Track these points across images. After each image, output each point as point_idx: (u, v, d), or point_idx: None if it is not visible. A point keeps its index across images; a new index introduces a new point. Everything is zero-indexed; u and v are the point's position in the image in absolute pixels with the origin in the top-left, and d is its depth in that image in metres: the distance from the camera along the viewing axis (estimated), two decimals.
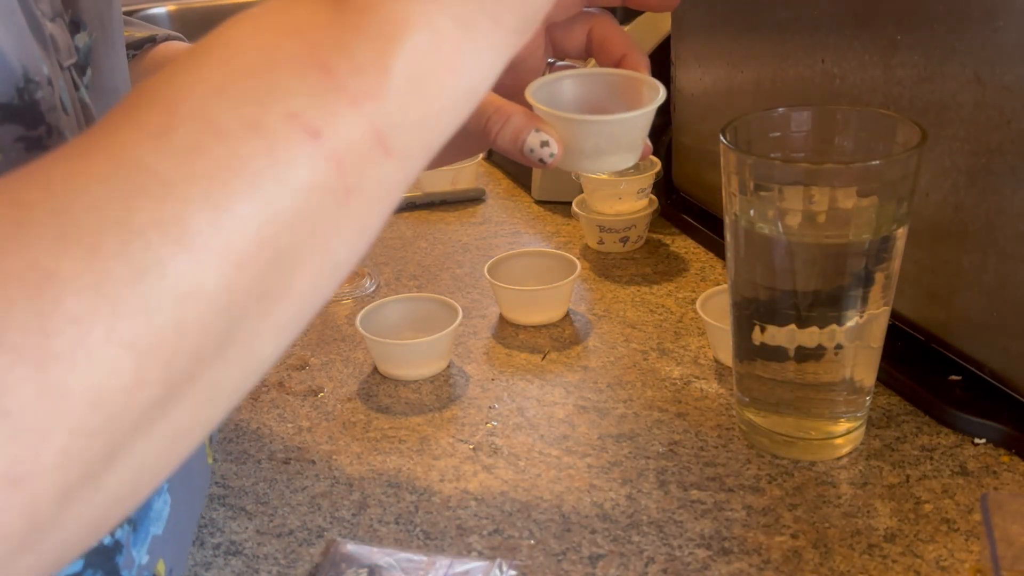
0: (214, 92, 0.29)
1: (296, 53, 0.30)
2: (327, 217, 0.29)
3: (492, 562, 0.54)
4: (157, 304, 0.26)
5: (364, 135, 0.30)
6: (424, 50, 0.31)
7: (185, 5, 2.00)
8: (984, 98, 0.57)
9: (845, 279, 0.56)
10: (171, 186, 0.27)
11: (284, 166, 0.28)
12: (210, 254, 0.27)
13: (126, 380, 0.26)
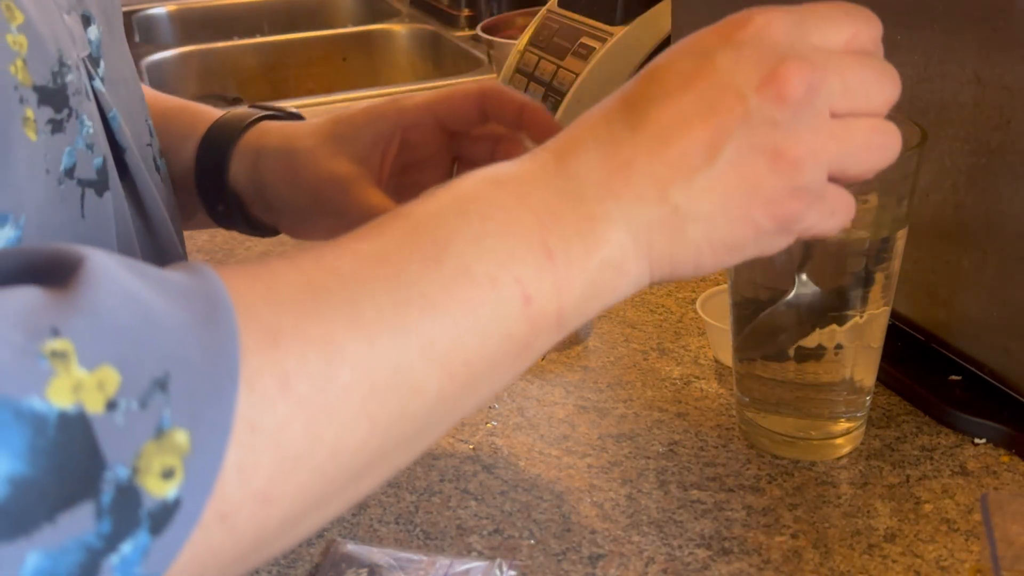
0: (473, 242, 0.36)
1: (530, 228, 0.37)
2: (509, 360, 0.37)
3: (492, 562, 0.54)
4: (397, 395, 0.34)
5: (554, 311, 0.37)
6: (610, 264, 0.39)
7: (185, 5, 2.00)
8: (984, 98, 0.57)
9: (845, 279, 0.56)
10: (431, 305, 0.35)
11: (503, 316, 0.36)
12: (439, 364, 0.35)
13: (358, 441, 0.33)
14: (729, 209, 0.39)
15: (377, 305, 0.34)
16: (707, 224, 0.39)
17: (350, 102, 1.41)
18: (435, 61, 1.77)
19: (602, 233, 0.38)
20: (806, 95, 0.38)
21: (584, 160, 0.39)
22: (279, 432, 0.30)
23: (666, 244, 0.39)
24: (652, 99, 0.40)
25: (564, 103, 0.99)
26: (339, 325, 0.33)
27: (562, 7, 1.09)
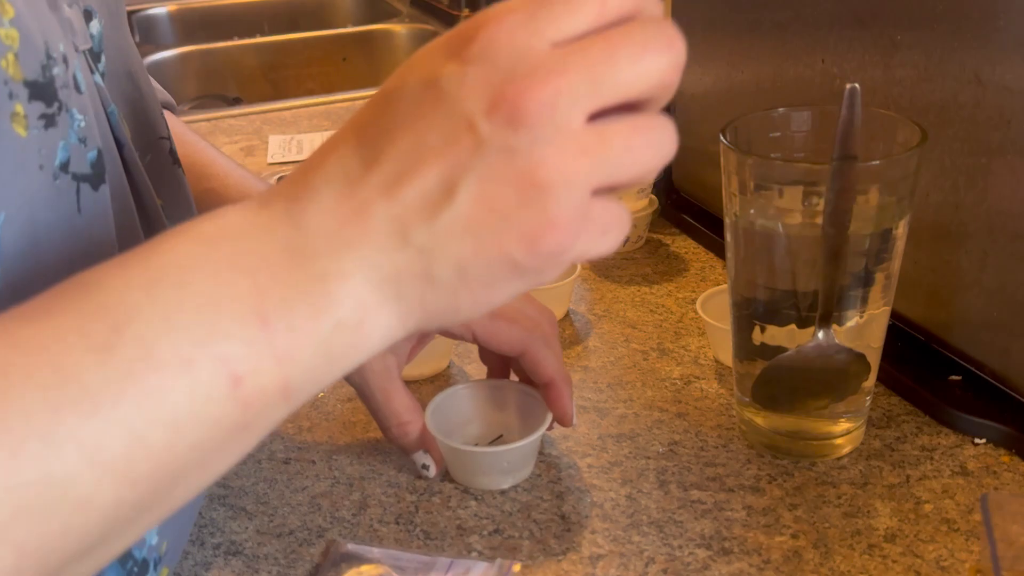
0: (161, 320, 0.32)
1: (242, 295, 0.33)
2: (221, 446, 0.33)
3: (492, 562, 0.54)
4: (53, 512, 0.29)
5: (276, 386, 0.33)
6: (346, 325, 0.34)
7: (185, 5, 2.00)
8: (984, 98, 0.57)
9: (845, 279, 0.56)
10: (99, 407, 0.30)
11: (202, 404, 0.32)
12: (113, 475, 0.30)
13: (5, 570, 0.29)
14: (481, 248, 0.35)
15: (26, 408, 0.29)
16: (458, 266, 0.35)
17: (350, 102, 1.41)
18: None
19: (335, 292, 0.34)
20: (541, 112, 0.33)
21: (316, 206, 0.35)
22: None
23: (416, 291, 0.35)
24: (384, 131, 0.35)
25: None
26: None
27: None
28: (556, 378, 0.59)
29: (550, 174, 0.34)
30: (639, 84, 0.34)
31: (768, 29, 0.75)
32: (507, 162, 0.34)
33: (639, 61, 0.34)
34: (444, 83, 0.34)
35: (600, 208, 0.36)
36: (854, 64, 0.66)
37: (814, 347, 0.57)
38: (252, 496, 0.62)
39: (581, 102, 0.34)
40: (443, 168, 0.34)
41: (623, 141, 0.35)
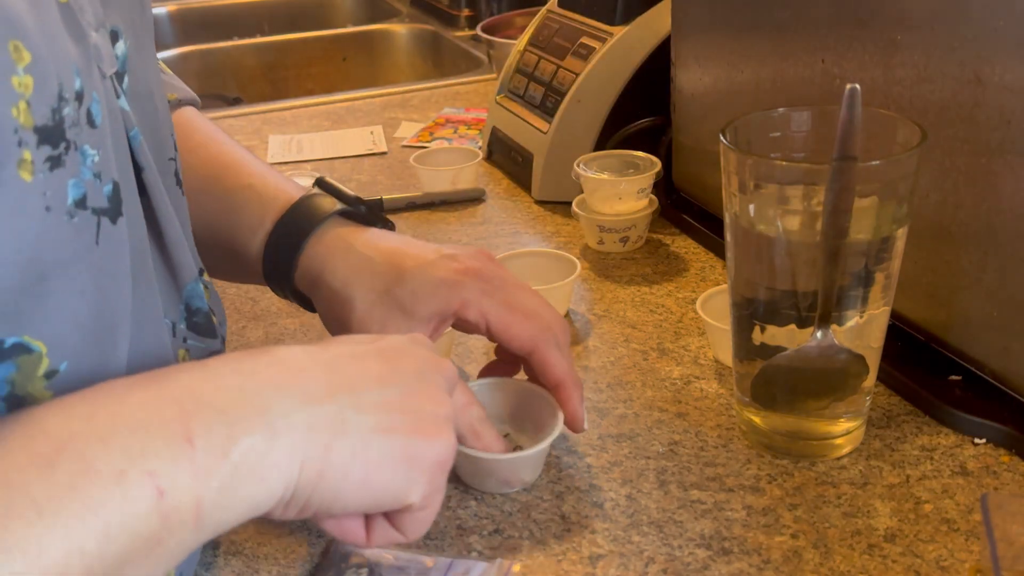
0: (98, 440, 0.35)
1: (170, 420, 0.37)
2: (138, 560, 0.35)
3: (492, 562, 0.54)
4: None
5: (191, 502, 0.36)
6: (255, 449, 0.39)
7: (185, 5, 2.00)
8: (984, 98, 0.57)
9: (845, 279, 0.56)
10: (42, 514, 0.33)
11: (131, 514, 0.35)
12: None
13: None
14: (393, 430, 0.44)
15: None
16: (368, 436, 0.43)
17: (350, 102, 1.41)
18: (435, 61, 1.77)
19: (255, 419, 0.39)
20: (461, 400, 0.54)
21: (267, 362, 0.42)
22: None
23: (322, 447, 0.41)
24: (339, 349, 0.46)
25: (564, 103, 0.99)
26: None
27: (562, 7, 1.09)
28: (566, 380, 0.59)
29: (441, 442, 0.47)
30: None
31: (768, 29, 0.75)
32: (430, 383, 0.48)
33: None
34: (407, 354, 0.49)
35: (439, 494, 0.47)
36: (854, 64, 0.66)
37: (814, 347, 0.57)
38: None
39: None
40: (383, 368, 0.46)
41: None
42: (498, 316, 0.59)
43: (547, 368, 0.59)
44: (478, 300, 0.59)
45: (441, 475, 0.46)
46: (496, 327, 0.59)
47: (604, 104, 0.98)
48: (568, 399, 0.59)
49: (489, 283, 0.60)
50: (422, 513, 0.46)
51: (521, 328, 0.59)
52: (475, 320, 0.59)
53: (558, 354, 0.59)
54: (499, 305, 0.59)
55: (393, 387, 0.45)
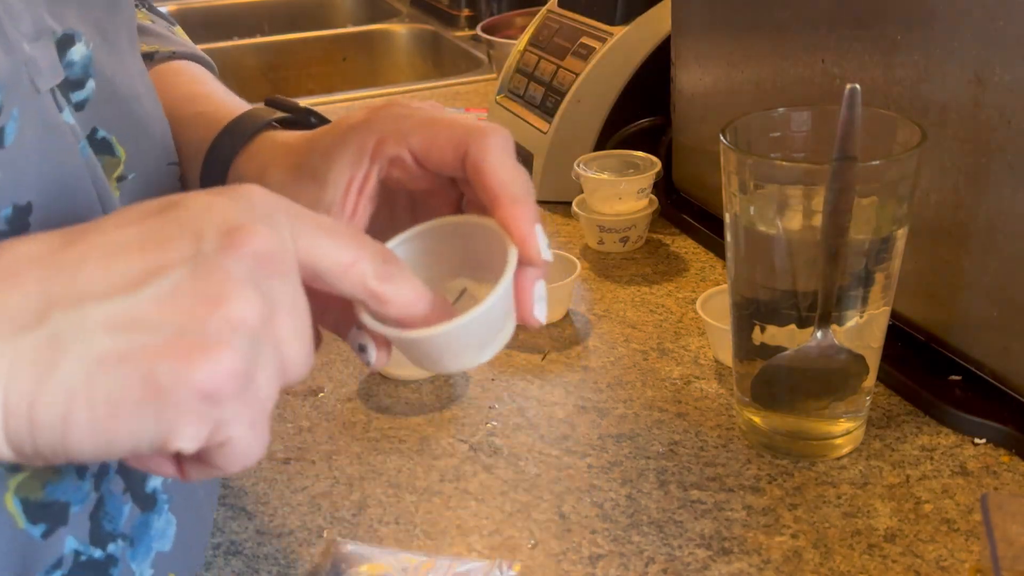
0: None
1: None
2: None
3: (492, 562, 0.54)
4: None
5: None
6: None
7: (185, 5, 2.00)
8: (984, 98, 0.57)
9: (845, 279, 0.56)
10: None
11: None
12: None
13: None
14: (131, 356, 0.32)
15: None
16: (93, 368, 0.31)
17: (350, 102, 1.41)
18: (435, 61, 1.77)
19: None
20: (265, 256, 0.34)
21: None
22: None
23: (29, 382, 0.31)
24: (101, 225, 0.34)
25: (564, 103, 0.99)
26: None
27: (562, 7, 1.09)
28: (504, 189, 0.42)
29: (243, 309, 0.33)
30: (294, 367, 0.36)
31: (768, 29, 0.75)
32: (211, 278, 0.33)
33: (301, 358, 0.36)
34: (191, 200, 0.35)
35: (266, 392, 0.34)
36: (854, 64, 0.66)
37: (814, 347, 0.57)
38: (252, 496, 0.62)
39: (281, 311, 0.35)
40: (141, 260, 0.33)
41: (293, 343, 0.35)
42: (420, 134, 0.45)
43: (482, 175, 0.43)
44: (395, 127, 0.45)
45: (218, 407, 0.33)
46: (420, 146, 0.45)
47: (604, 104, 0.98)
48: (512, 217, 0.42)
49: (407, 107, 0.46)
50: (226, 449, 0.35)
51: (448, 133, 0.44)
52: (397, 152, 0.45)
53: (498, 154, 0.43)
54: (419, 123, 0.45)
55: (147, 288, 0.33)
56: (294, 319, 0.35)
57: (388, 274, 0.39)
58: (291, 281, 0.35)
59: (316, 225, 0.37)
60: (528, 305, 0.43)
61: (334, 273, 0.37)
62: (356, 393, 0.72)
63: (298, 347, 0.36)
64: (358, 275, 0.38)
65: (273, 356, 0.35)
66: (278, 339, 0.35)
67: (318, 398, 0.72)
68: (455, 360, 0.42)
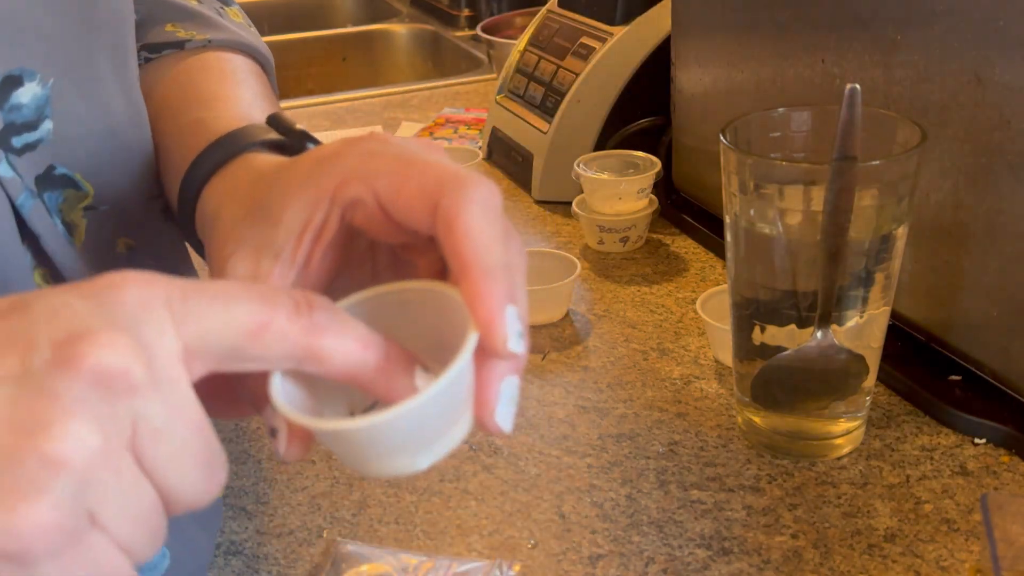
0: None
1: None
2: None
3: (492, 562, 0.54)
4: None
5: None
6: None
7: None
8: (984, 98, 0.57)
9: (845, 279, 0.56)
10: None
11: None
12: None
13: None
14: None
15: None
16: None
17: (350, 102, 1.41)
18: (435, 61, 1.77)
19: None
20: (109, 378, 0.27)
21: None
22: None
23: None
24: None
25: (564, 103, 0.99)
26: None
27: (562, 7, 1.09)
28: (475, 258, 0.33)
29: (68, 445, 0.27)
30: (186, 472, 0.30)
31: (768, 29, 0.75)
32: (33, 404, 0.27)
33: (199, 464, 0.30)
34: (40, 301, 0.29)
35: (102, 548, 0.28)
36: (854, 64, 0.66)
37: (814, 347, 0.57)
38: (252, 496, 0.62)
39: (145, 428, 0.28)
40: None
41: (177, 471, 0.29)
42: (388, 178, 0.36)
43: (452, 234, 0.33)
44: (362, 166, 0.36)
45: (31, 568, 0.27)
46: (386, 193, 0.35)
47: (604, 104, 0.98)
48: (478, 292, 0.33)
49: (378, 142, 0.37)
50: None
51: (420, 180, 0.35)
52: (360, 195, 0.36)
53: (478, 213, 0.34)
54: (389, 163, 0.36)
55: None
56: (170, 441, 0.29)
57: (316, 325, 0.31)
58: (160, 396, 0.29)
59: (211, 297, 0.30)
60: (489, 405, 0.34)
61: (244, 347, 0.30)
62: None
63: (183, 472, 0.29)
64: (276, 337, 0.30)
65: (128, 496, 0.28)
66: (141, 471, 0.29)
67: None
68: (383, 463, 0.34)
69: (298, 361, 0.31)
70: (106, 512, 0.28)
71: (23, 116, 0.42)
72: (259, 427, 0.68)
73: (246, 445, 0.67)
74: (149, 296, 0.29)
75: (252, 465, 0.65)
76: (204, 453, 0.30)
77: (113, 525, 0.28)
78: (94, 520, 0.28)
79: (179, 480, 0.29)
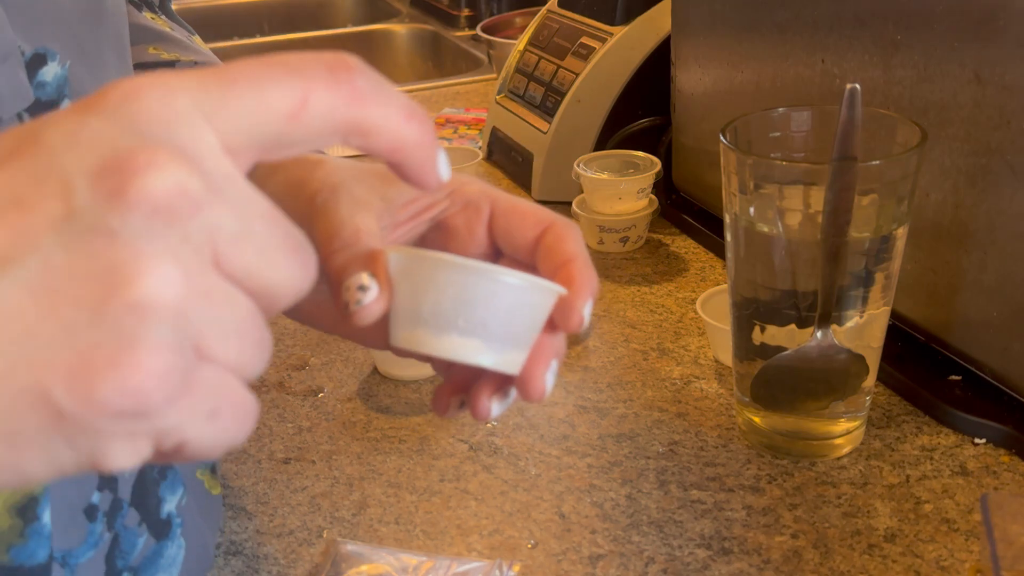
0: None
1: None
2: None
3: (492, 562, 0.54)
4: None
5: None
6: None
7: (185, 5, 2.00)
8: (984, 98, 0.57)
9: (845, 279, 0.56)
10: None
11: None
12: None
13: None
14: (10, 376, 0.24)
15: None
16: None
17: None
18: (435, 61, 1.77)
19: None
20: (168, 198, 0.24)
21: None
22: None
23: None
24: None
25: (564, 103, 0.99)
26: None
27: (562, 7, 1.09)
28: (580, 258, 0.40)
29: (152, 287, 0.24)
30: (279, 272, 0.27)
31: (768, 29, 0.75)
32: (96, 249, 0.24)
33: (287, 258, 0.27)
34: (49, 131, 0.25)
35: (215, 377, 0.26)
36: (854, 64, 0.66)
37: (814, 347, 0.57)
38: (252, 496, 0.62)
39: (224, 237, 0.26)
40: (3, 233, 0.24)
41: (243, 317, 0.26)
42: (507, 201, 0.42)
43: (561, 242, 0.40)
44: (479, 183, 0.43)
45: (151, 419, 0.25)
46: (504, 205, 0.41)
47: (604, 104, 0.98)
48: (578, 281, 0.38)
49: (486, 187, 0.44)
50: (186, 450, 0.26)
51: (533, 207, 0.42)
52: (476, 200, 0.42)
53: (579, 241, 0.41)
54: (506, 195, 0.43)
55: (4, 278, 0.24)
56: (250, 240, 0.26)
57: (358, 92, 0.28)
58: (224, 200, 0.26)
59: (237, 84, 0.27)
60: (545, 361, 0.37)
61: (286, 132, 0.28)
62: (356, 393, 0.72)
63: (275, 265, 0.27)
64: (318, 113, 0.28)
65: (224, 315, 0.26)
66: (231, 283, 0.26)
67: (318, 398, 0.72)
68: (457, 334, 0.34)
69: (343, 136, 0.29)
70: (209, 339, 0.25)
71: (47, 94, 0.43)
72: (259, 427, 0.69)
73: (246, 445, 0.67)
74: (171, 99, 0.26)
75: (252, 465, 0.65)
76: (288, 239, 0.27)
77: (220, 350, 0.26)
78: (200, 352, 0.25)
79: (273, 274, 0.27)
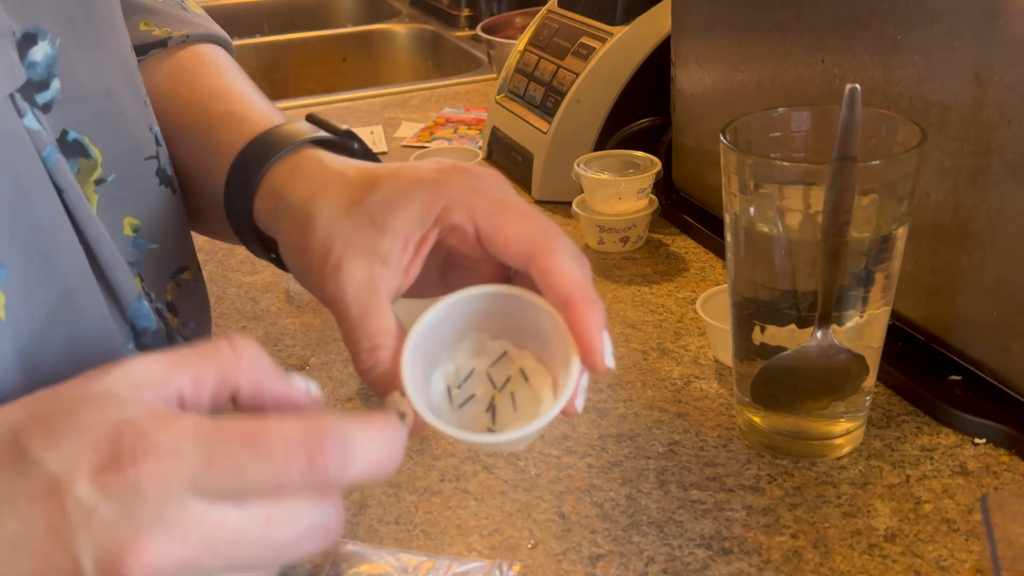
0: None
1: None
2: None
3: (492, 562, 0.54)
4: None
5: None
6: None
7: None
8: (984, 98, 0.57)
9: (845, 279, 0.56)
10: None
11: None
12: None
13: None
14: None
15: None
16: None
17: (350, 102, 1.41)
18: (435, 61, 1.77)
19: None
20: (156, 495, 0.31)
21: None
22: None
23: None
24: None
25: (564, 103, 0.99)
26: None
27: (562, 7, 1.09)
28: (577, 292, 0.41)
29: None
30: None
31: (768, 29, 0.75)
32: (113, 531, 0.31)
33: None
34: (71, 506, 0.31)
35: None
36: (854, 64, 0.66)
37: (814, 347, 0.57)
38: None
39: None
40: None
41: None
42: (489, 215, 0.43)
43: (551, 277, 0.41)
44: (466, 198, 0.43)
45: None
46: (487, 228, 0.43)
47: (604, 104, 0.98)
48: (584, 320, 0.41)
49: (477, 179, 0.45)
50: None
51: (518, 227, 0.43)
52: (461, 223, 0.43)
53: (567, 259, 0.42)
54: (489, 203, 0.44)
55: None
56: (250, 550, 0.34)
57: (328, 480, 0.34)
58: (215, 554, 0.32)
59: (228, 464, 0.33)
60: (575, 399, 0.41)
61: (260, 502, 0.34)
62: (356, 393, 0.72)
63: (296, 548, 0.36)
64: (290, 494, 0.34)
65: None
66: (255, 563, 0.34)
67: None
68: (493, 452, 0.44)
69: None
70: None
71: (37, 74, 0.44)
72: None
73: None
74: (166, 483, 0.31)
75: None
76: (293, 527, 0.35)
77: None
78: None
79: (297, 550, 0.36)
